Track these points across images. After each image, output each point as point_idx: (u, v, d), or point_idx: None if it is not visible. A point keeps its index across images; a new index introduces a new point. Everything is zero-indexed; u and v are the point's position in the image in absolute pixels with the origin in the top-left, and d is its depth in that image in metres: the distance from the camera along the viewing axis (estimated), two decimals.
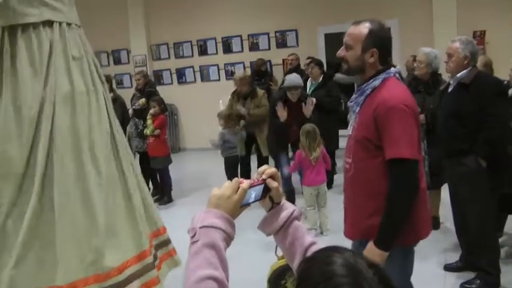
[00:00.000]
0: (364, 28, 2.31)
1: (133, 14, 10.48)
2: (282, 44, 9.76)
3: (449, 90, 3.79)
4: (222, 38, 10.18)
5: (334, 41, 9.08)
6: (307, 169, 5.01)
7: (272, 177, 1.38)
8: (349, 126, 2.47)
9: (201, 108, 9.83)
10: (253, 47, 10.01)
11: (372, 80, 2.33)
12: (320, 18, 9.05)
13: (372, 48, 2.30)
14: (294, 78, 5.64)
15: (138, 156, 6.98)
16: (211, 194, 1.31)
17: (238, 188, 1.30)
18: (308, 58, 7.74)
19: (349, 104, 2.50)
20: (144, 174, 7.06)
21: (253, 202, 1.36)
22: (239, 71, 8.05)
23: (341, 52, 2.42)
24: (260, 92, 6.66)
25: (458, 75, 3.66)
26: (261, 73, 8.68)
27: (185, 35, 10.39)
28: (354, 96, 2.44)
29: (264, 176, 1.37)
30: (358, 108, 2.37)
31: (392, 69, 2.39)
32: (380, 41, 2.32)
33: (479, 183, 3.57)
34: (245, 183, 1.31)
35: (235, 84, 6.58)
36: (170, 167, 6.80)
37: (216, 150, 7.13)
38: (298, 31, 9.55)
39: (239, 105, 6.35)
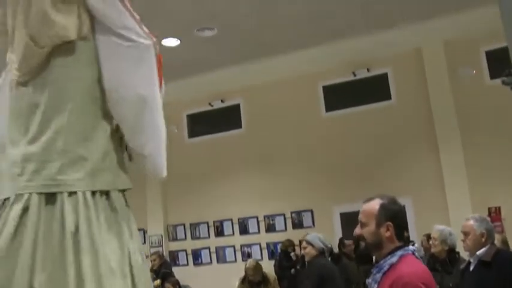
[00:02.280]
0: (376, 204, 2.40)
1: (152, 195, 10.77)
2: (298, 224, 9.79)
3: (471, 268, 3.70)
4: (239, 219, 10.27)
5: (350, 219, 9.14)
6: None
7: None
8: None
9: None
10: (270, 228, 10.04)
11: (389, 257, 2.32)
12: (335, 197, 9.19)
13: (386, 222, 2.34)
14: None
15: None
16: None
17: None
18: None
19: (367, 281, 2.45)
20: None
21: None
22: (255, 255, 7.97)
23: (357, 230, 2.47)
24: (271, 277, 6.64)
25: (478, 253, 3.61)
26: (287, 255, 8.58)
27: (202, 216, 10.52)
28: (371, 273, 2.41)
29: None
30: (376, 286, 2.32)
31: (410, 246, 2.41)
32: (393, 214, 2.37)
33: None
34: None
35: (247, 273, 6.57)
36: None
37: None
38: (314, 211, 9.65)
39: None
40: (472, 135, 8.42)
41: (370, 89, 9.30)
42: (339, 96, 9.53)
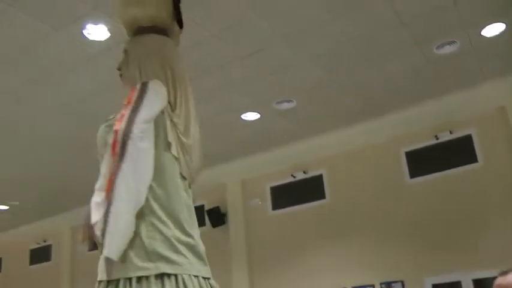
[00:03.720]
0: None
1: (237, 268, 10.78)
2: None
3: None
4: None
5: None
6: None
7: None
8: None
9: None
10: None
11: None
12: (425, 267, 8.79)
13: None
14: None
15: None
16: None
17: None
18: None
19: None
20: None
21: None
22: None
23: None
24: None
25: None
26: None
27: None
28: None
29: None
30: None
31: None
32: None
33: None
34: None
35: None
36: None
37: None
38: (405, 282, 9.24)
39: None
40: None
41: (454, 152, 9.04)
42: (423, 161, 9.31)
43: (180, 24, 2.64)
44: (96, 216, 2.13)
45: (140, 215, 2.11)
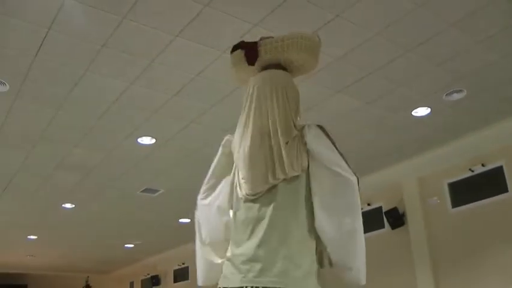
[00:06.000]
0: None
1: (421, 271, 10.58)
2: None
3: None
4: None
5: None
6: None
7: None
8: None
9: None
10: None
11: None
12: None
13: None
14: None
15: None
16: None
17: None
18: None
19: None
20: None
21: None
22: None
23: None
24: None
25: None
26: None
27: None
28: None
29: None
30: None
31: None
32: None
33: None
34: None
35: None
36: None
37: None
38: None
39: None
40: None
41: None
42: None
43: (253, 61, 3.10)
44: None
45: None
